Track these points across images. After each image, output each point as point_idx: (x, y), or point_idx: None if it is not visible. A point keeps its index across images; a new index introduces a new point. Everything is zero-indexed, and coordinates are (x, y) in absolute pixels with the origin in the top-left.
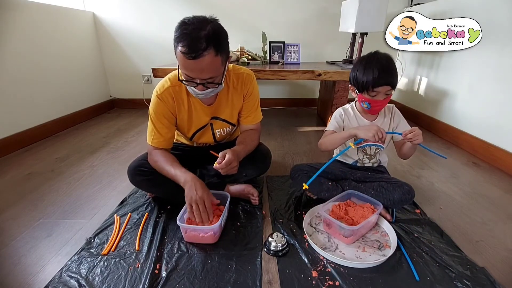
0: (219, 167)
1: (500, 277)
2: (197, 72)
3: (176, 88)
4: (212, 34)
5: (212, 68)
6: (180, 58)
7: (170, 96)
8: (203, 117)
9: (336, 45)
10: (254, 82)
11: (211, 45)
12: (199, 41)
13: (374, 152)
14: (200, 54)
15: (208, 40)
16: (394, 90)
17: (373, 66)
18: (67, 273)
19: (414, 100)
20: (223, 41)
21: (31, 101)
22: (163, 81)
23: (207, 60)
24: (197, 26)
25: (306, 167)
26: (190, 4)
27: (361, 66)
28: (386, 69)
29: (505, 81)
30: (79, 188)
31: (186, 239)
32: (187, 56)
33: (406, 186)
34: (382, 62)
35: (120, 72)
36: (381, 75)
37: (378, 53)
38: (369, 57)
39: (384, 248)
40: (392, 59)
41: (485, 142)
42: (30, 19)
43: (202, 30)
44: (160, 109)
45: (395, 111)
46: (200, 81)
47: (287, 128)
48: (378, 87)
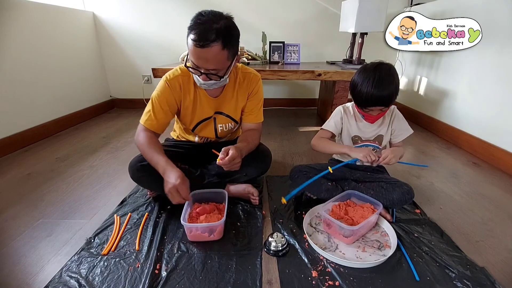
0: (222, 163)
1: (500, 277)
2: (202, 61)
3: (185, 78)
4: (224, 28)
5: (217, 60)
6: (190, 45)
7: (178, 84)
8: (207, 109)
9: (336, 45)
10: (260, 83)
11: (220, 38)
12: (210, 32)
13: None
14: (208, 44)
15: (218, 33)
16: (390, 105)
17: (369, 84)
18: (67, 273)
19: (414, 100)
20: (233, 38)
21: (31, 101)
22: (174, 69)
23: (214, 51)
24: (211, 19)
25: (306, 168)
26: (190, 4)
27: (359, 80)
28: (381, 89)
29: (505, 81)
30: (79, 188)
31: (191, 239)
32: (195, 43)
33: (406, 186)
34: (380, 81)
35: (120, 72)
36: (375, 97)
37: (378, 68)
38: (368, 73)
39: (384, 248)
40: (394, 74)
41: (485, 142)
42: (30, 19)
43: (215, 23)
44: (166, 94)
45: (395, 113)
46: (204, 71)
47: (287, 128)
48: (371, 107)
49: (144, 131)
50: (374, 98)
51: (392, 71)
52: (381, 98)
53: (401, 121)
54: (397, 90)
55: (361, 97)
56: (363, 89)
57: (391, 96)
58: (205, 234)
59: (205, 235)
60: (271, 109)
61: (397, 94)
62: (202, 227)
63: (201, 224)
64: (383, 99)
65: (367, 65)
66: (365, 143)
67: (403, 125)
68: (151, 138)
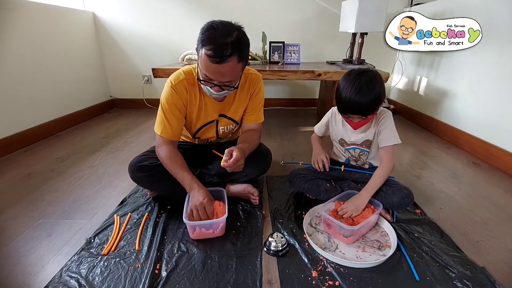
0: (226, 165)
1: (500, 277)
2: (219, 75)
3: (190, 81)
4: (237, 41)
5: (232, 73)
6: (203, 60)
7: (184, 88)
8: (212, 113)
9: (336, 45)
10: (261, 83)
11: (236, 52)
12: (225, 47)
13: (358, 155)
14: (225, 59)
15: (234, 47)
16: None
17: (349, 94)
18: (67, 273)
19: (414, 100)
20: (246, 49)
21: (31, 101)
22: (177, 72)
23: (230, 65)
24: (224, 32)
25: (304, 171)
26: (190, 4)
27: (341, 84)
28: (360, 97)
29: (505, 81)
30: (79, 188)
31: (194, 237)
32: (211, 60)
33: (405, 190)
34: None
35: (120, 72)
36: (352, 105)
37: (361, 76)
38: (349, 81)
39: (384, 248)
40: (376, 84)
41: (485, 142)
42: (30, 19)
43: (229, 37)
44: (174, 100)
45: (383, 117)
46: (217, 83)
47: (287, 128)
48: (348, 114)
49: (164, 144)
50: (352, 107)
51: (375, 81)
52: (359, 107)
53: (388, 129)
54: (378, 100)
55: (340, 103)
56: (343, 95)
57: (369, 106)
58: (210, 231)
59: (209, 232)
60: (271, 109)
61: (378, 104)
62: (205, 224)
63: (205, 222)
64: (359, 109)
65: (351, 70)
66: (352, 146)
67: (388, 132)
68: (172, 152)
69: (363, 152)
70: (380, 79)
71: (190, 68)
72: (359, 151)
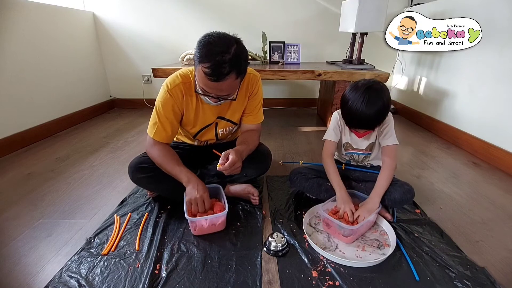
0: (222, 169)
1: (500, 277)
2: (217, 90)
3: (187, 85)
4: (235, 58)
5: (230, 88)
6: (201, 76)
7: (180, 92)
8: (210, 116)
9: (336, 45)
10: (259, 83)
11: (234, 70)
12: (223, 66)
13: (362, 160)
14: (223, 78)
15: (232, 64)
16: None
17: (359, 108)
18: (67, 273)
19: (414, 100)
20: (244, 64)
21: (31, 101)
22: (174, 76)
23: (228, 82)
24: (221, 49)
25: (304, 169)
26: (190, 4)
27: (349, 99)
28: (369, 114)
29: (505, 81)
30: (79, 188)
31: (197, 233)
32: (209, 78)
33: (406, 186)
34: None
35: (120, 72)
36: (361, 121)
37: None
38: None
39: (383, 247)
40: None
41: (485, 142)
42: (30, 19)
43: (227, 54)
44: (169, 104)
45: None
46: (215, 96)
47: (287, 128)
48: (358, 128)
49: (155, 145)
50: (361, 121)
51: (382, 94)
52: (367, 121)
53: (389, 128)
54: (386, 112)
55: (349, 117)
56: (353, 109)
57: (378, 121)
58: (212, 225)
59: (211, 227)
60: (271, 109)
61: (386, 115)
62: (207, 219)
63: (207, 217)
64: (368, 123)
65: (358, 83)
66: (356, 151)
67: (390, 132)
68: (165, 150)
69: (366, 157)
70: (387, 90)
71: (187, 71)
72: (363, 156)
